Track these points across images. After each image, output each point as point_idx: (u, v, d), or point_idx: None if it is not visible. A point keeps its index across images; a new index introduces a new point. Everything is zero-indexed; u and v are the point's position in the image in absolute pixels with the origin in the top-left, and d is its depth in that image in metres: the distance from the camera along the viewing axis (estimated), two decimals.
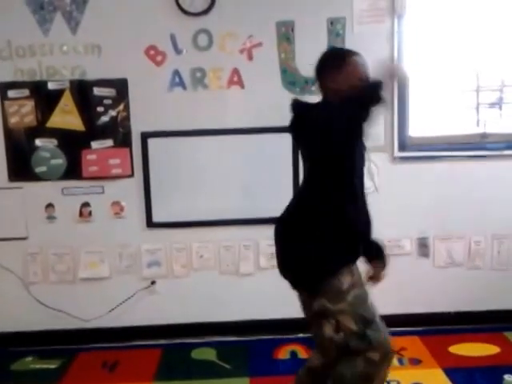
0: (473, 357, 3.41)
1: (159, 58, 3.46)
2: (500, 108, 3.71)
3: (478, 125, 3.70)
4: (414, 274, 3.75)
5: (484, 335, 3.64)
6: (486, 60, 3.63)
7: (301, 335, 3.71)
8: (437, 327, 3.75)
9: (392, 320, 3.68)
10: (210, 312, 3.73)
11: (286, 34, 3.47)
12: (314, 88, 3.51)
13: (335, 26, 3.48)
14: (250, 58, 3.49)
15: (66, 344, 3.66)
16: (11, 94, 3.44)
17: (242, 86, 3.52)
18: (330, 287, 2.29)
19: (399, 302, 3.73)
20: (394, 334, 3.61)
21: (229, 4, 3.42)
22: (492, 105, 3.71)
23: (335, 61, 2.30)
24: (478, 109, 3.69)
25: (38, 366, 3.45)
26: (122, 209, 3.60)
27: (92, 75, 3.46)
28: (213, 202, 3.61)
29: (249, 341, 3.70)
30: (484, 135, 3.70)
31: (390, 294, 3.68)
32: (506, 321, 3.76)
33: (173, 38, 3.44)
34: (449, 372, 3.22)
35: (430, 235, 3.74)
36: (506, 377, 3.13)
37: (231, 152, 3.58)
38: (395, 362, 3.33)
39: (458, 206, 3.69)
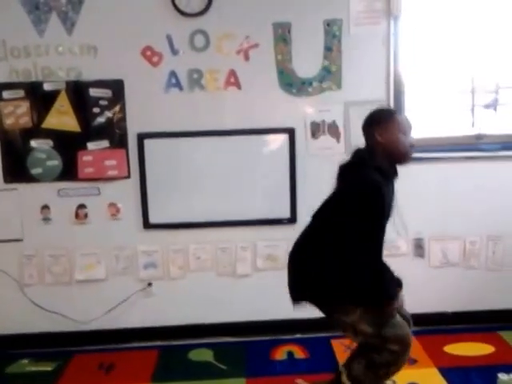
0: (468, 356, 3.42)
1: (155, 59, 3.44)
2: (495, 109, 3.72)
3: (473, 126, 3.71)
4: (409, 274, 3.68)
5: (479, 335, 3.66)
6: (481, 62, 3.64)
7: (298, 336, 3.73)
8: (432, 327, 3.76)
9: None
10: (207, 313, 3.72)
11: (282, 35, 3.46)
12: (310, 89, 3.54)
13: (332, 28, 3.47)
14: (247, 59, 3.47)
15: (63, 346, 3.63)
16: (6, 94, 3.41)
17: (239, 87, 3.50)
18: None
19: None
20: None
21: (225, 5, 3.41)
22: (487, 106, 3.72)
23: (383, 117, 2.56)
24: (473, 110, 3.70)
25: (33, 369, 3.42)
26: (118, 210, 3.58)
27: (88, 76, 3.43)
28: (210, 204, 3.60)
29: (246, 342, 3.69)
30: (479, 136, 3.71)
31: None
32: (501, 320, 3.78)
33: (169, 39, 3.42)
34: (444, 371, 3.24)
35: (425, 236, 3.75)
36: (500, 375, 3.14)
37: (228, 153, 3.56)
38: None
39: (454, 207, 3.71)
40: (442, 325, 3.79)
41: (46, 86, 3.42)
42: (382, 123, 2.52)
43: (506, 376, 3.13)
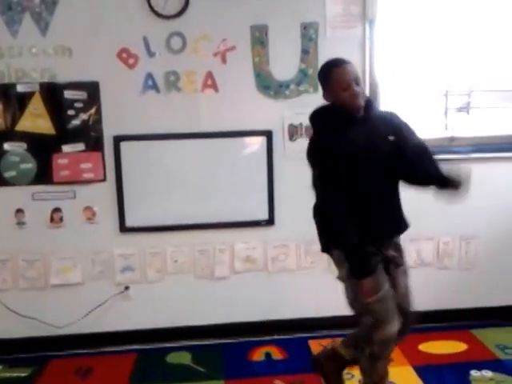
0: (441, 354, 3.48)
1: (132, 61, 3.40)
2: (467, 112, 3.78)
3: (446, 129, 3.77)
4: None
5: (452, 333, 3.73)
6: (454, 65, 3.69)
7: (275, 337, 3.74)
8: None
9: None
10: (185, 316, 3.70)
11: (259, 37, 3.46)
12: (288, 92, 3.55)
13: (308, 31, 3.48)
14: (224, 61, 3.46)
15: (38, 351, 3.57)
16: None
17: (216, 90, 3.48)
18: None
19: None
20: None
21: (202, 7, 3.38)
22: (460, 109, 3.77)
23: (321, 78, 2.65)
24: (446, 113, 3.76)
25: (8, 375, 3.37)
26: (94, 214, 3.54)
27: (63, 78, 3.37)
28: (187, 206, 3.57)
29: (224, 344, 3.69)
30: (452, 139, 3.77)
31: None
32: (473, 318, 3.85)
33: (145, 41, 3.38)
34: (419, 370, 3.29)
35: (400, 236, 3.79)
36: (473, 372, 3.22)
37: (206, 156, 3.55)
38: None
39: (428, 208, 3.75)
40: (416, 324, 3.84)
41: (20, 88, 3.35)
42: (323, 86, 2.61)
43: (478, 373, 3.22)
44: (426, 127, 3.72)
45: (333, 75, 2.55)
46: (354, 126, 2.54)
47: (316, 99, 3.49)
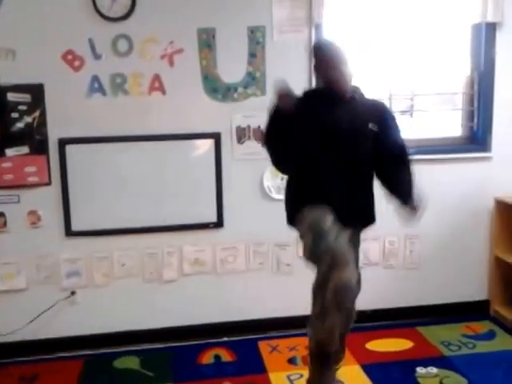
0: (388, 352, 3.55)
1: (77, 63, 3.36)
2: (411, 115, 3.88)
3: None
4: None
5: (398, 331, 3.81)
6: (397, 69, 3.79)
7: (225, 339, 3.75)
8: (355, 325, 3.87)
9: None
10: (133, 320, 3.67)
11: (207, 40, 3.47)
12: (236, 95, 3.58)
13: (255, 34, 3.52)
14: (172, 64, 3.46)
15: None
16: None
17: (164, 93, 3.48)
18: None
19: None
20: None
21: (149, 9, 3.37)
22: (403, 112, 3.87)
23: (313, 56, 2.83)
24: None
25: None
26: (39, 218, 3.47)
27: (6, 80, 3.31)
28: (135, 209, 3.55)
29: (173, 347, 3.67)
30: None
31: (309, 294, 3.81)
32: (419, 316, 3.96)
33: (91, 43, 3.35)
34: (366, 368, 3.35)
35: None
36: (418, 369, 3.30)
37: (153, 158, 3.54)
38: None
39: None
40: (363, 322, 3.91)
41: None
42: (314, 62, 2.79)
43: (423, 370, 3.30)
44: None
45: (320, 55, 2.74)
46: (335, 105, 2.70)
47: (264, 102, 3.57)
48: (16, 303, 3.53)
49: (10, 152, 3.38)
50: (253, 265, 3.78)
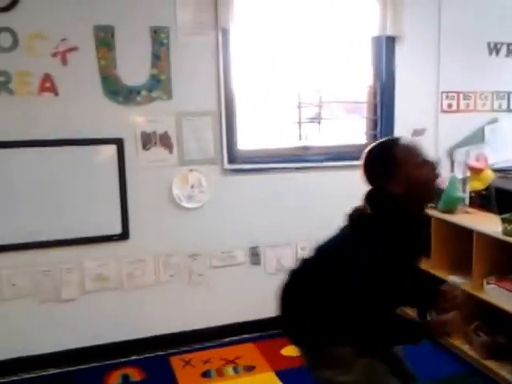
0: None
1: None
2: (319, 123, 3.15)
3: (300, 138, 3.10)
4: (247, 282, 3.07)
5: None
6: (306, 78, 3.07)
7: (133, 357, 2.82)
8: (270, 332, 3.05)
9: (229, 329, 2.97)
10: (28, 345, 2.67)
11: (105, 39, 2.58)
12: (139, 98, 2.65)
13: (159, 35, 2.65)
14: (65, 63, 2.54)
15: None
16: None
17: (56, 94, 2.55)
18: None
19: (234, 311, 3.04)
20: (230, 343, 2.92)
21: (37, 2, 2.45)
22: (312, 120, 3.16)
23: (389, 166, 1.62)
24: (300, 124, 3.08)
25: None
26: None
27: None
28: (26, 223, 2.58)
29: (75, 371, 2.72)
30: (306, 148, 3.12)
31: (226, 304, 2.99)
32: None
33: None
34: (281, 374, 2.67)
35: (260, 244, 3.06)
36: None
37: (46, 166, 2.58)
38: (230, 371, 2.71)
39: (285, 215, 3.08)
40: (277, 329, 3.06)
41: None
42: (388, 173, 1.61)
43: None
44: (281, 137, 3.05)
45: (403, 155, 1.60)
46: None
47: (170, 106, 2.69)
48: None
49: None
50: (163, 277, 2.88)
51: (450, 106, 3.36)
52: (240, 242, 3.00)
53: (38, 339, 2.67)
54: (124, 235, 2.74)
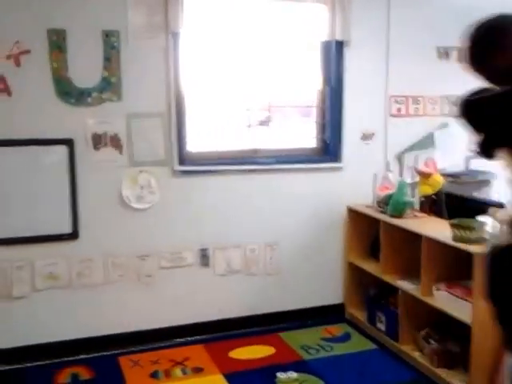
0: (251, 359, 3.29)
1: None
2: (268, 126, 3.67)
3: (250, 141, 3.62)
4: (196, 284, 3.54)
5: (261, 337, 3.54)
6: (255, 81, 3.58)
7: (82, 356, 3.26)
8: (218, 334, 3.55)
9: (178, 331, 3.47)
10: None
11: (57, 42, 3.03)
12: (90, 100, 3.14)
13: (110, 38, 3.13)
14: (18, 64, 2.97)
15: None
16: None
17: (9, 94, 2.98)
18: None
19: (184, 313, 3.50)
20: (178, 344, 3.40)
21: None
22: (261, 123, 3.66)
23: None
24: (249, 126, 3.61)
25: None
26: None
27: None
28: None
29: (24, 368, 3.13)
30: (255, 151, 3.63)
31: (175, 305, 3.47)
32: (281, 321, 3.71)
33: None
34: (228, 377, 3.07)
35: (209, 246, 3.54)
36: (279, 374, 3.06)
37: None
38: (179, 373, 3.10)
39: (235, 217, 3.58)
40: (228, 331, 3.59)
41: None
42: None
43: (283, 374, 3.06)
44: (231, 140, 3.57)
45: None
46: None
47: (120, 108, 3.20)
48: None
49: None
50: (112, 277, 3.33)
51: (399, 110, 3.82)
52: (189, 243, 3.45)
53: None
54: (74, 235, 3.17)
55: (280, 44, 3.58)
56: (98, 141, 3.19)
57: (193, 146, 3.48)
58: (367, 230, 3.70)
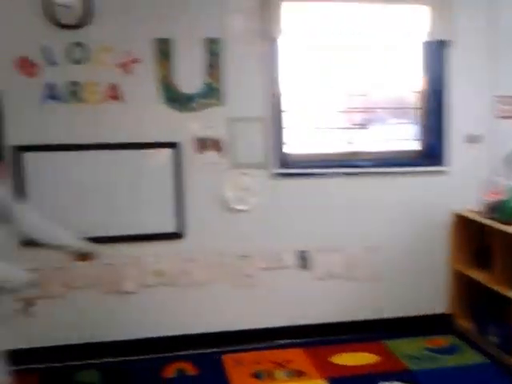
0: (353, 366, 3.18)
1: (31, 70, 3.02)
2: (367, 128, 3.58)
3: (349, 143, 3.55)
4: (295, 286, 3.51)
5: (364, 344, 3.43)
6: (355, 83, 3.51)
7: (187, 352, 3.30)
8: (319, 338, 3.48)
9: (278, 332, 3.45)
10: (93, 332, 3.25)
11: (164, 50, 3.18)
12: (194, 105, 3.24)
13: (212, 46, 3.23)
14: (129, 73, 3.15)
15: None
16: None
17: (121, 101, 3.15)
18: None
19: (284, 315, 3.48)
20: (279, 346, 3.37)
21: (106, 18, 3.08)
22: (361, 125, 3.58)
23: None
24: (348, 129, 3.55)
25: None
26: None
27: None
28: (93, 217, 3.15)
29: (134, 360, 3.23)
30: (354, 153, 3.56)
31: (274, 306, 3.46)
32: (381, 329, 3.56)
33: (46, 50, 3.03)
34: (330, 382, 2.98)
35: (309, 248, 3.49)
36: (382, 383, 2.93)
37: (110, 167, 3.18)
38: (281, 375, 3.09)
39: (334, 220, 3.51)
40: (327, 335, 3.49)
41: None
42: None
43: None
44: (329, 142, 3.53)
45: None
46: None
47: (222, 113, 3.28)
48: None
49: None
50: (214, 276, 3.39)
51: (506, 111, 3.57)
52: (288, 245, 3.43)
53: (102, 327, 3.23)
54: (179, 234, 3.27)
55: (379, 45, 3.50)
56: (201, 144, 3.28)
57: (291, 148, 3.48)
58: (474, 237, 3.49)
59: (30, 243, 2.94)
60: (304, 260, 3.49)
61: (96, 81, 3.10)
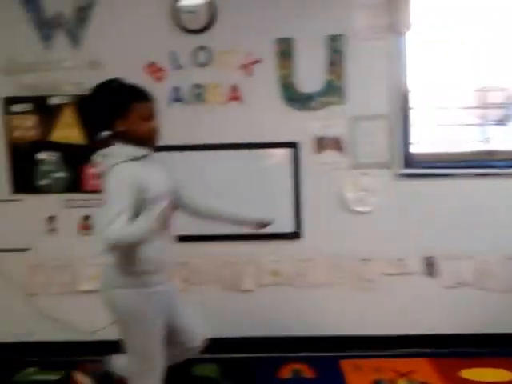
0: (485, 382, 2.88)
1: (158, 75, 3.14)
2: (506, 125, 3.22)
3: (484, 142, 3.22)
4: (420, 293, 3.27)
5: (498, 360, 3.10)
6: (491, 76, 3.18)
7: (304, 354, 3.23)
8: (446, 350, 3.23)
9: (400, 340, 3.27)
10: (212, 329, 3.25)
11: (285, 50, 3.12)
12: (314, 104, 3.14)
13: (334, 43, 3.11)
14: (250, 74, 3.14)
15: (70, 355, 3.25)
16: (15, 108, 3.17)
17: (242, 102, 3.16)
18: None
19: (407, 323, 3.28)
20: (401, 355, 3.17)
21: (228, 21, 3.10)
22: (498, 122, 3.22)
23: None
24: (483, 126, 3.21)
25: (40, 377, 3.08)
26: None
27: None
28: None
29: (252, 358, 3.23)
30: (490, 153, 3.21)
31: (397, 313, 3.26)
32: None
33: (173, 55, 3.13)
34: None
35: (436, 254, 3.24)
36: None
37: (233, 166, 3.19)
38: None
39: (466, 225, 3.20)
40: (455, 347, 3.22)
41: (53, 100, 3.16)
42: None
43: None
44: (461, 140, 3.23)
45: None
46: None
47: (343, 111, 3.14)
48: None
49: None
50: (332, 278, 3.26)
51: None
52: (413, 250, 3.21)
53: (217, 323, 3.09)
54: (297, 234, 3.21)
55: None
56: (320, 144, 3.17)
57: (417, 147, 3.23)
58: None
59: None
60: (430, 266, 3.24)
61: (219, 83, 3.14)
